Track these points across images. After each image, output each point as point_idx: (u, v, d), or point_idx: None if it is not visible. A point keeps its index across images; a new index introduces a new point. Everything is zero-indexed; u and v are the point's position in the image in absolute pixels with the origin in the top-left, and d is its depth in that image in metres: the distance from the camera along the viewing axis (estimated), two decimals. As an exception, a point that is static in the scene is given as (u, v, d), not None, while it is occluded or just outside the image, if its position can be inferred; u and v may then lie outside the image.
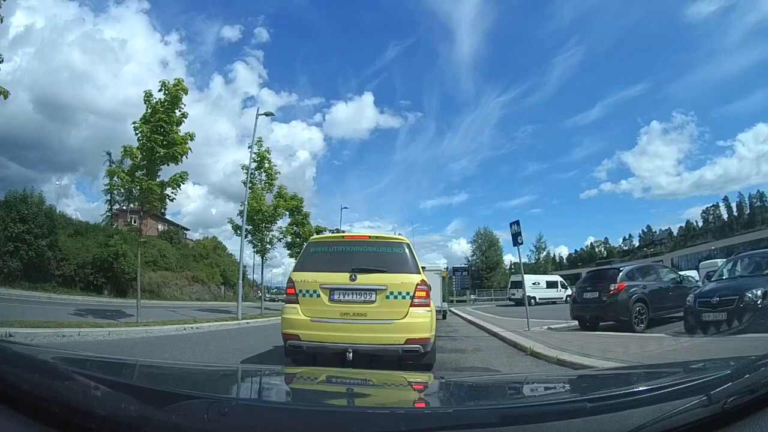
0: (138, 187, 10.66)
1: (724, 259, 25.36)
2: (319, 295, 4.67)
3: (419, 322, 4.57)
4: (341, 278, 4.66)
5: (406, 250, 4.99)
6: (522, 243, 10.13)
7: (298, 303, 4.75)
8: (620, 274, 9.56)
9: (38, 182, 71.98)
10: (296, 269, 5.03)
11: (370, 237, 5.55)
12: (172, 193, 11.35)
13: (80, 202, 71.54)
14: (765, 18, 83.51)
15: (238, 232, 17.26)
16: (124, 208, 32.79)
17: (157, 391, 1.06)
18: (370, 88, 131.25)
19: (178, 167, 11.25)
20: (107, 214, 37.15)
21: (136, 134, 10.72)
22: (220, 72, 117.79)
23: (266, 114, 19.95)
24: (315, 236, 6.73)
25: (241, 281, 17.00)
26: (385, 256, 4.94)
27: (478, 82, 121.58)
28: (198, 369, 2.08)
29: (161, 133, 10.65)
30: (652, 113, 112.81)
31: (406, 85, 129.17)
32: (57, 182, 58.60)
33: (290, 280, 4.92)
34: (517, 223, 10.14)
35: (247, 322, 13.42)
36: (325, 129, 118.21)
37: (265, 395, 1.53)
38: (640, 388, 1.01)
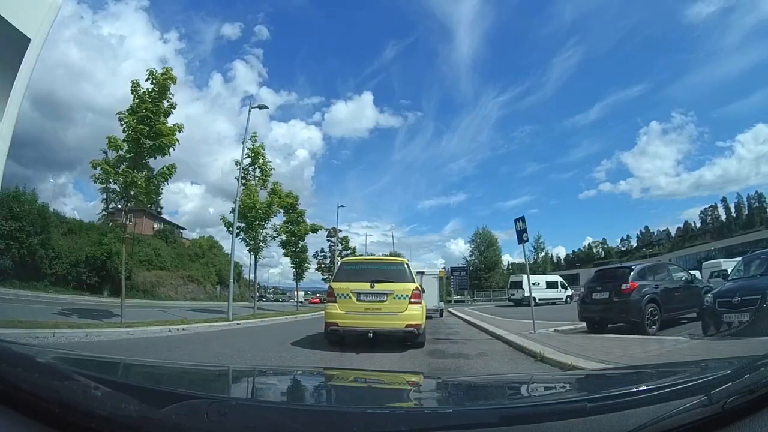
0: (122, 180, 10.17)
1: (724, 259, 25.33)
2: (350, 297, 6.92)
3: (415, 313, 6.87)
4: (364, 286, 6.93)
5: (406, 267, 7.56)
6: (527, 240, 9.72)
7: (336, 302, 6.99)
8: (632, 273, 9.06)
9: (36, 181, 71.71)
10: (335, 280, 7.40)
11: (382, 259, 9.30)
12: (160, 187, 10.89)
13: (78, 201, 71.51)
14: (764, 18, 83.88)
15: (231, 229, 16.84)
16: (119, 206, 32.62)
17: (157, 391, 1.06)
18: (369, 88, 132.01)
19: (166, 160, 10.80)
20: (103, 212, 36.94)
21: (122, 125, 10.29)
22: (220, 70, 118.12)
23: (260, 107, 18.88)
24: (346, 258, 10.11)
25: (232, 280, 16.38)
26: (392, 271, 7.37)
27: (477, 83, 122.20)
28: (198, 369, 2.07)
29: (147, 123, 10.20)
30: (652, 113, 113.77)
31: (406, 84, 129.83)
32: (51, 180, 58.52)
33: (330, 287, 7.26)
34: (522, 219, 9.64)
35: (238, 323, 13.05)
36: (324, 128, 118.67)
37: (266, 395, 1.54)
38: (640, 388, 1.01)
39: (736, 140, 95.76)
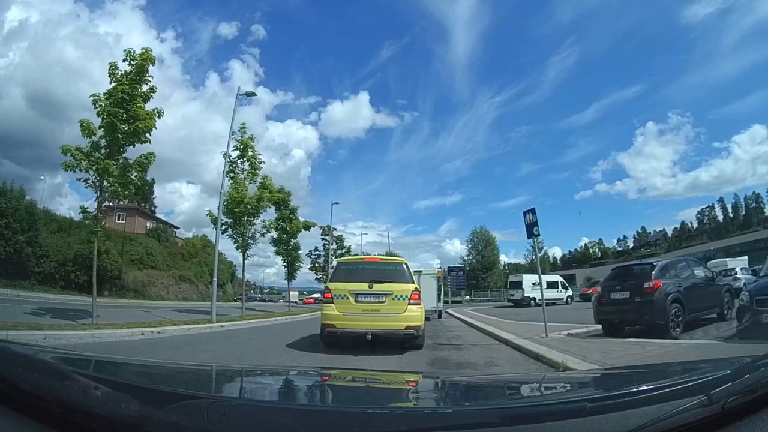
0: (94, 168, 9.39)
1: (730, 259, 25.24)
2: (348, 298, 6.73)
3: (414, 315, 6.74)
4: (363, 286, 6.75)
5: (405, 267, 7.39)
6: (539, 235, 8.83)
7: (333, 303, 6.77)
8: (654, 270, 8.25)
9: (33, 180, 71.39)
10: (332, 280, 7.24)
11: (381, 259, 8.92)
12: (137, 177, 10.27)
13: (74, 200, 71.35)
14: (762, 20, 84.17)
15: (216, 225, 15.77)
16: (111, 204, 32.32)
17: (157, 391, 1.06)
18: (365, 87, 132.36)
19: (147, 149, 10.18)
20: (96, 210, 36.49)
21: (96, 108, 9.58)
22: (216, 70, 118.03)
23: (247, 94, 17.53)
24: (344, 258, 9.54)
25: (215, 278, 15.34)
26: (391, 272, 7.20)
27: (473, 83, 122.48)
28: (198, 369, 2.07)
29: (123, 107, 9.51)
30: (648, 114, 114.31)
31: (402, 84, 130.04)
32: (42, 177, 58.47)
33: (327, 288, 7.06)
34: (533, 211, 8.73)
35: (222, 326, 12.08)
36: (320, 128, 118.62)
37: (265, 395, 1.53)
38: (640, 388, 1.01)
39: (733, 141, 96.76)
